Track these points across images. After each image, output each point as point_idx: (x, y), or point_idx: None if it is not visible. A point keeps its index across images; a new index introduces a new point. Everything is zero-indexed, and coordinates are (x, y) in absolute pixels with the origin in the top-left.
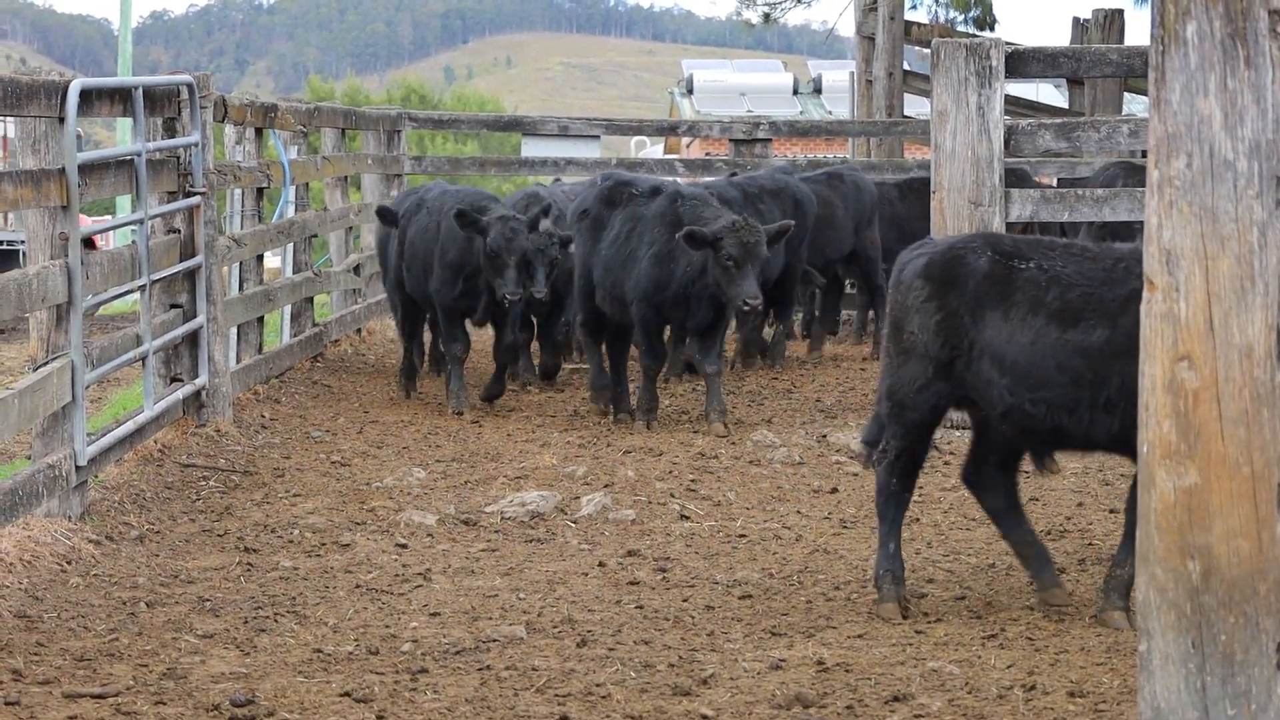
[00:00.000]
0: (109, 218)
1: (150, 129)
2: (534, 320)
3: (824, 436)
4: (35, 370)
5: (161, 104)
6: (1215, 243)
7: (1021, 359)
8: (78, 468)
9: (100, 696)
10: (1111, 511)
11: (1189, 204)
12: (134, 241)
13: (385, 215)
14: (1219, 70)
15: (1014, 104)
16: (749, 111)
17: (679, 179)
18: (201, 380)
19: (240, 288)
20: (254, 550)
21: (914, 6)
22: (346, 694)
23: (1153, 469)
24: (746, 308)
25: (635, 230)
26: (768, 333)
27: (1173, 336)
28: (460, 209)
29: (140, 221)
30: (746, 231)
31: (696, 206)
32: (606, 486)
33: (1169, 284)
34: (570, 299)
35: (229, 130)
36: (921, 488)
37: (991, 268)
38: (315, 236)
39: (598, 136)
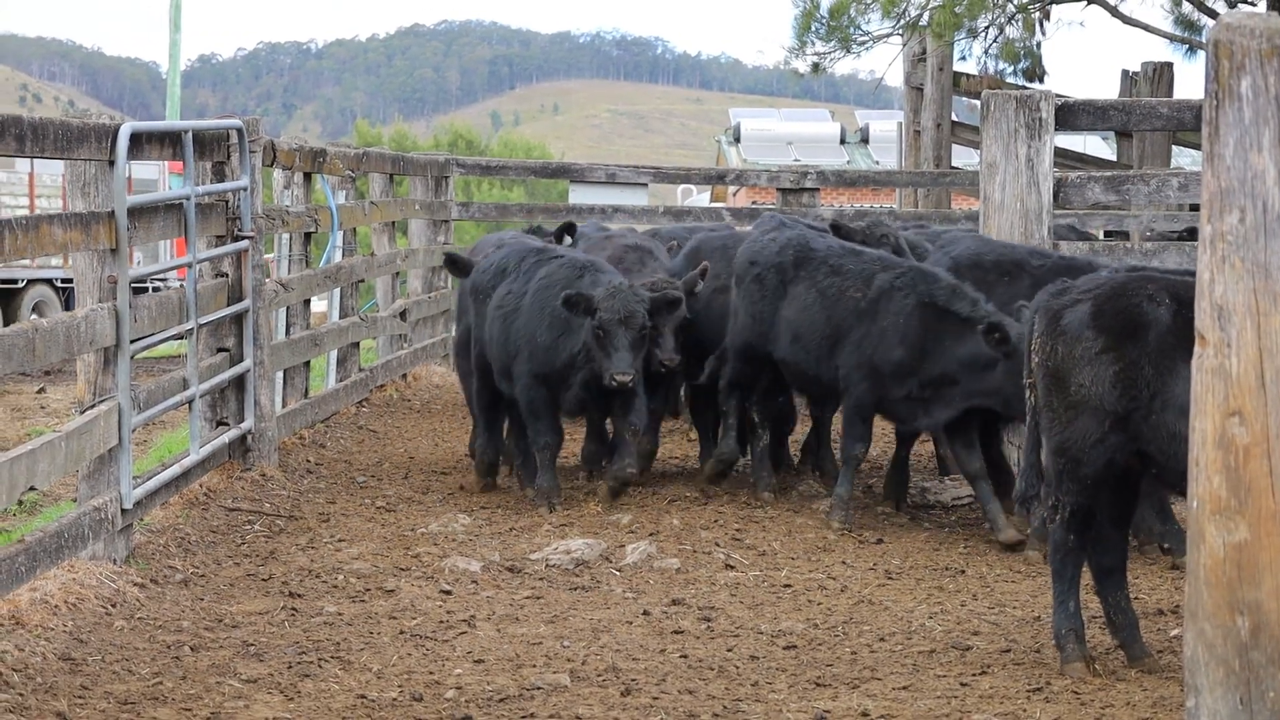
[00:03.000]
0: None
1: (199, 173)
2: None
3: (869, 487)
4: (82, 413)
5: (211, 148)
6: (1268, 299)
7: None
8: (123, 511)
9: None
10: (1152, 562)
11: (1241, 259)
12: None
13: (457, 264)
14: (1273, 125)
15: (1061, 156)
16: (796, 160)
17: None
18: (247, 424)
19: (287, 332)
20: (298, 595)
21: (963, 58)
22: None
23: (1202, 524)
24: None
25: None
26: None
27: (1224, 392)
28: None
29: (189, 265)
30: None
31: None
32: (651, 535)
33: (1220, 339)
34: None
35: (277, 175)
36: (967, 539)
37: (1174, 318)
38: (362, 281)
39: (645, 184)
